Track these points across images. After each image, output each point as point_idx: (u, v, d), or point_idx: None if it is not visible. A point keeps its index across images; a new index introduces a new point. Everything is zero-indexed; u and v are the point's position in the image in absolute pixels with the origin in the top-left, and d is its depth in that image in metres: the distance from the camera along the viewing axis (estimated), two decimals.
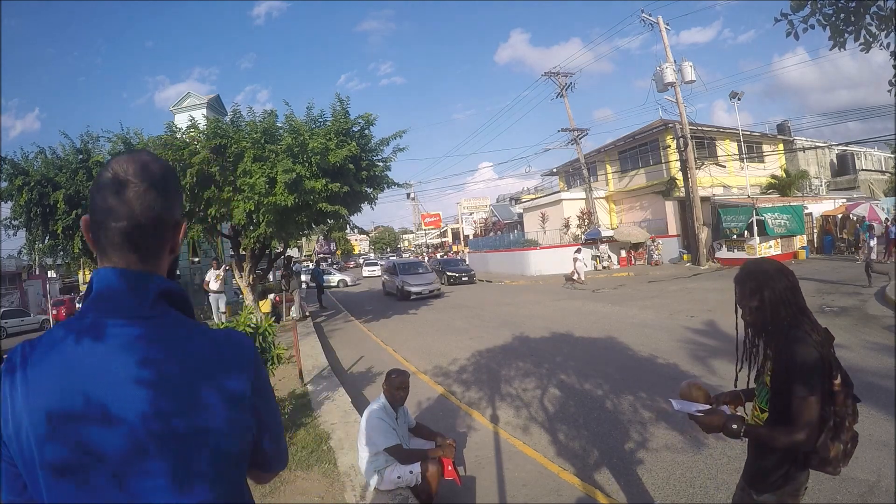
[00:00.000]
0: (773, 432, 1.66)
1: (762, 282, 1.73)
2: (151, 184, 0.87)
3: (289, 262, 15.08)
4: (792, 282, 1.75)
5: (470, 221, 58.71)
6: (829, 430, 1.61)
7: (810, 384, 1.57)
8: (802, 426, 1.57)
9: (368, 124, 10.36)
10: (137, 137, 11.13)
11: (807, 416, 1.57)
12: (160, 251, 0.90)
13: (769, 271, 1.76)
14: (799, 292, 1.75)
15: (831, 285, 12.39)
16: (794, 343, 1.62)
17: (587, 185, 27.71)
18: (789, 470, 1.70)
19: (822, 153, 31.75)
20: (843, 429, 1.63)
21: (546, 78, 28.10)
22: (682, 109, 20.62)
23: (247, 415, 0.88)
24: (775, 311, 1.71)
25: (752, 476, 1.84)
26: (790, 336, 1.65)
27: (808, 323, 1.70)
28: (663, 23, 21.35)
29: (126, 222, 0.85)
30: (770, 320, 1.73)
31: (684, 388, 2.05)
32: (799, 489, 1.73)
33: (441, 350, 8.84)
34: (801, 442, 1.58)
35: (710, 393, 2.01)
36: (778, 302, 1.70)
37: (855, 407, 1.69)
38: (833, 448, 1.62)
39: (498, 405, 5.60)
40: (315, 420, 4.99)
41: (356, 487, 3.46)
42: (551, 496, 3.54)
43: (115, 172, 0.86)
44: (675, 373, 6.36)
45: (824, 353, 1.61)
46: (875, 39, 3.65)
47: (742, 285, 1.80)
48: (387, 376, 3.55)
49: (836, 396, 1.62)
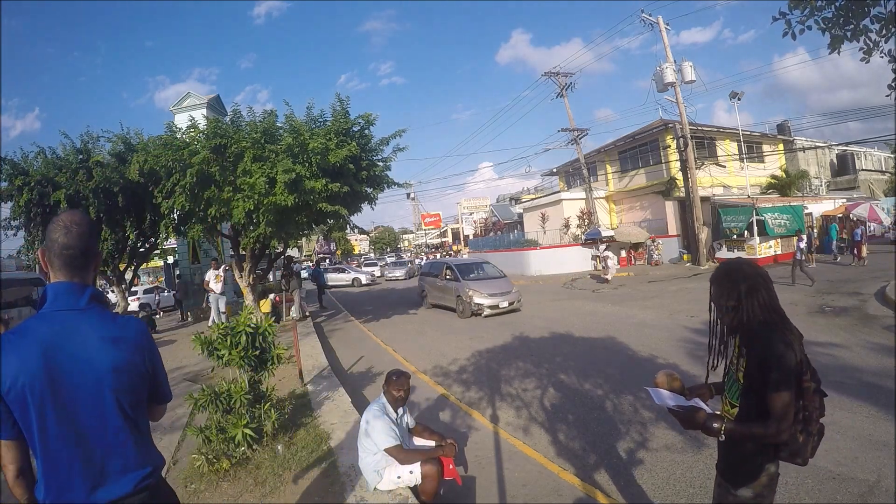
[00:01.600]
0: (751, 428, 1.70)
1: (739, 282, 1.79)
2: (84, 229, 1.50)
3: (289, 262, 15.06)
4: (767, 282, 1.81)
5: (470, 221, 58.79)
6: (798, 422, 1.69)
7: (787, 381, 1.64)
8: (779, 420, 1.64)
9: (368, 124, 10.34)
10: (137, 137, 11.12)
11: (783, 410, 1.64)
12: (89, 270, 1.53)
13: (746, 272, 1.82)
14: (774, 292, 1.81)
15: (831, 285, 12.40)
16: (771, 342, 1.69)
17: (587, 185, 27.70)
18: (762, 462, 1.76)
19: (822, 153, 31.75)
20: (812, 422, 1.72)
21: (546, 78, 28.09)
22: (682, 109, 20.61)
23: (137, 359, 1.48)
24: (751, 310, 1.76)
25: (725, 470, 1.90)
26: (766, 335, 1.71)
27: (783, 322, 1.77)
28: (663, 23, 21.34)
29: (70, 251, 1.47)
30: (745, 319, 1.78)
31: (660, 378, 2.09)
32: (773, 480, 1.79)
33: (441, 350, 8.85)
34: (777, 435, 1.65)
35: (684, 384, 2.07)
36: (754, 302, 1.76)
37: (822, 401, 1.77)
38: (802, 440, 1.70)
39: (498, 405, 5.60)
40: (315, 420, 4.98)
41: (356, 487, 3.46)
42: (551, 496, 3.54)
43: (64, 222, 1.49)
44: (674, 370, 6.36)
45: (798, 351, 1.68)
46: (876, 46, 3.65)
47: (719, 285, 1.86)
48: (387, 378, 3.55)
49: (806, 392, 1.70)
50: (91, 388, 1.39)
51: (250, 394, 4.21)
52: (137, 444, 1.46)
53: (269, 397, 4.50)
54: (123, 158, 10.87)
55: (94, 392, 1.39)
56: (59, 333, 1.39)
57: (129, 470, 1.43)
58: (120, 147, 11.09)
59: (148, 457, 1.50)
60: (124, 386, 1.43)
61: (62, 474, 1.36)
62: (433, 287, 14.73)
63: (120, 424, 1.42)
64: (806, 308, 9.73)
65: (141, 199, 10.79)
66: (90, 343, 1.41)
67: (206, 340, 4.14)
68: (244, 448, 3.91)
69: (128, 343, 1.47)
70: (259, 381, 4.47)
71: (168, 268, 22.37)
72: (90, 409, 1.39)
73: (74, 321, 1.42)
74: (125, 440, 1.43)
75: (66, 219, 1.50)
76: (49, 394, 1.34)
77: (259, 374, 4.40)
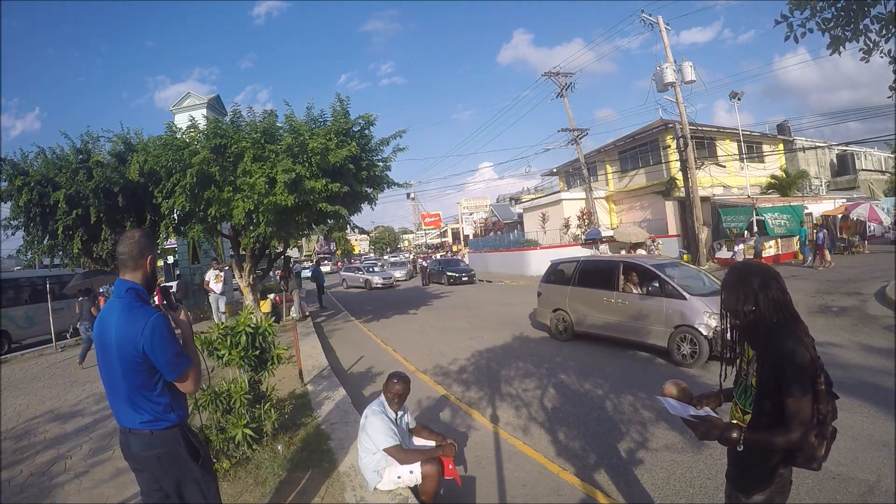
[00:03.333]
0: (771, 436, 1.65)
1: (756, 285, 1.74)
2: (132, 243, 2.12)
3: (287, 262, 15.06)
4: (782, 285, 1.76)
5: (470, 221, 58.71)
6: (814, 427, 1.64)
7: (803, 384, 1.59)
8: (798, 426, 1.59)
9: (368, 124, 10.35)
10: (137, 137, 11.10)
11: (802, 415, 1.59)
12: (136, 268, 2.12)
13: (761, 275, 1.76)
14: (787, 292, 1.76)
15: (831, 285, 12.39)
16: (788, 345, 1.63)
17: (587, 185, 27.68)
18: (775, 467, 1.71)
19: (822, 153, 31.74)
20: (826, 424, 1.67)
21: (546, 78, 28.06)
22: (682, 109, 20.60)
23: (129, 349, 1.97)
24: (768, 314, 1.72)
25: (736, 478, 1.85)
26: (782, 338, 1.66)
27: (796, 323, 1.72)
28: (663, 23, 21.33)
29: (122, 258, 2.12)
30: (760, 323, 1.74)
31: (668, 388, 2.05)
32: (786, 485, 1.75)
33: (441, 350, 8.84)
34: (796, 441, 1.60)
35: (692, 393, 2.03)
36: (771, 305, 1.71)
37: (834, 404, 1.72)
38: (817, 444, 1.65)
39: (498, 405, 5.60)
40: (315, 420, 4.98)
41: (356, 487, 3.46)
42: (551, 496, 3.54)
43: (122, 237, 2.14)
44: (675, 373, 6.36)
45: (813, 355, 1.64)
46: (876, 46, 3.65)
47: (734, 289, 1.79)
48: (387, 379, 3.55)
49: (820, 395, 1.65)
50: (110, 352, 2.03)
51: (250, 394, 4.20)
52: (134, 401, 2.03)
53: (269, 397, 4.50)
54: (123, 158, 10.86)
55: (111, 356, 2.03)
56: (104, 313, 2.11)
57: (132, 414, 2.05)
58: (120, 147, 11.07)
59: (146, 413, 2.04)
60: (123, 360, 2.00)
61: (111, 401, 2.11)
62: (588, 303, 8.41)
63: (123, 382, 2.02)
64: (806, 308, 9.72)
65: (141, 199, 10.78)
66: (113, 322, 2.03)
67: (206, 340, 4.14)
68: (244, 448, 3.91)
69: (127, 334, 1.98)
70: (259, 381, 4.47)
71: (168, 268, 22.37)
72: (111, 366, 2.04)
73: (115, 305, 2.07)
74: (127, 394, 2.03)
75: (123, 235, 2.16)
76: (98, 349, 2.10)
77: (259, 374, 4.39)
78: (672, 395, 2.01)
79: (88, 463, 4.53)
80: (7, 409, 6.78)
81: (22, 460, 4.74)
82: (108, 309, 2.09)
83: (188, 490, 2.12)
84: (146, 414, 2.04)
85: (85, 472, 4.32)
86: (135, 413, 2.03)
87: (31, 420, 6.11)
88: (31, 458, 4.75)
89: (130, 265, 2.09)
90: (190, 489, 2.13)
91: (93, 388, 7.48)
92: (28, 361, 11.06)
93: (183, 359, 2.07)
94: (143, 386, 2.02)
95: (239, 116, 10.12)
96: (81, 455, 4.75)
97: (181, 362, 2.06)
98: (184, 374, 2.08)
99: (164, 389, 2.07)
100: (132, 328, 1.97)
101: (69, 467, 4.47)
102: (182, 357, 2.07)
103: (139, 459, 2.09)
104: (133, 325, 1.97)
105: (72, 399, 7.00)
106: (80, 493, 3.92)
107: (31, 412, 6.49)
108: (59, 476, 4.28)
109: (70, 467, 4.46)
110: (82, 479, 4.16)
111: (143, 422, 2.04)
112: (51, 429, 5.68)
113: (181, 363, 2.06)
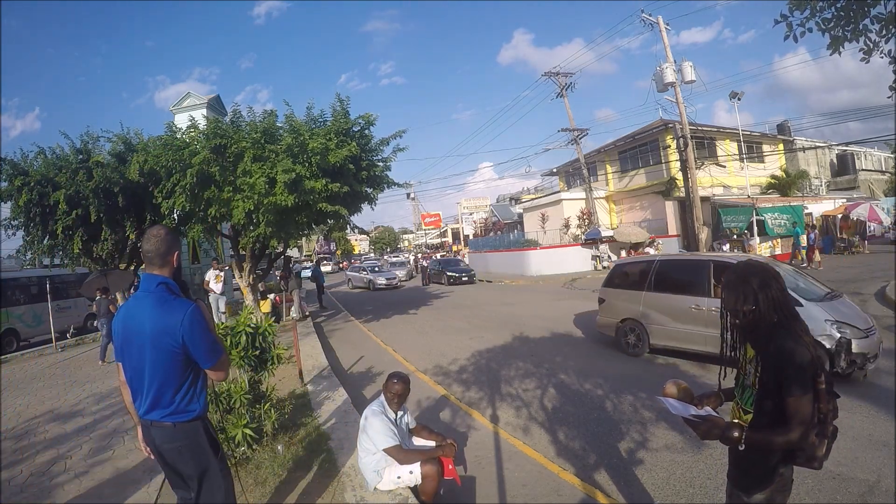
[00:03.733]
0: (772, 436, 1.65)
1: (756, 285, 1.73)
2: (158, 240, 2.15)
3: (287, 262, 15.06)
4: (782, 284, 1.76)
5: (470, 221, 58.69)
6: (814, 426, 1.64)
7: (805, 384, 1.60)
8: (798, 425, 1.59)
9: (368, 124, 10.34)
10: (137, 137, 11.11)
11: (803, 414, 1.59)
12: (164, 265, 2.16)
13: (761, 274, 1.76)
14: (786, 292, 1.76)
15: (831, 284, 12.36)
16: (788, 345, 1.63)
17: (587, 185, 27.69)
18: (776, 467, 1.72)
19: (822, 153, 31.73)
20: (827, 424, 1.67)
21: (546, 78, 28.08)
22: (682, 109, 20.60)
23: (167, 340, 2.02)
24: (768, 313, 1.71)
25: (737, 477, 1.85)
26: (782, 338, 1.66)
27: (796, 322, 1.71)
28: (663, 23, 21.33)
29: (148, 254, 2.14)
30: (760, 323, 1.73)
31: (669, 388, 2.05)
32: (787, 485, 1.75)
33: (441, 350, 8.84)
34: (796, 440, 1.60)
35: (693, 393, 2.03)
36: (771, 305, 1.71)
37: (835, 403, 1.72)
38: (818, 443, 1.65)
39: (498, 405, 5.60)
40: (315, 420, 4.98)
41: (356, 487, 3.46)
42: (551, 496, 3.54)
43: (146, 234, 2.18)
44: (675, 373, 6.36)
45: (814, 354, 1.63)
46: (876, 46, 3.65)
47: (735, 289, 1.79)
48: (387, 379, 3.55)
49: (821, 394, 1.65)
50: (139, 346, 2.05)
51: (250, 394, 4.21)
52: (160, 393, 2.08)
53: (269, 397, 4.50)
54: (123, 158, 10.86)
55: (141, 349, 2.05)
56: (132, 306, 2.15)
57: (156, 407, 2.09)
58: (120, 147, 11.09)
59: (172, 405, 2.09)
60: (158, 352, 2.03)
61: (134, 395, 2.16)
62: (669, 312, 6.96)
63: (152, 375, 2.06)
64: None
65: (141, 199, 10.78)
66: (145, 316, 2.06)
67: None
68: (244, 448, 3.91)
69: (166, 326, 2.02)
70: (259, 381, 4.47)
71: None
72: (139, 359, 2.07)
73: (143, 299, 2.11)
74: (153, 386, 2.07)
75: (148, 232, 2.20)
76: (122, 343, 2.13)
77: (259, 374, 4.40)
78: (673, 394, 2.01)
79: (88, 463, 4.53)
80: (7, 409, 6.78)
81: (22, 460, 4.74)
82: (137, 302, 2.12)
83: (209, 483, 2.16)
84: (170, 406, 2.09)
85: (85, 472, 4.33)
86: (158, 406, 2.08)
87: (31, 420, 6.12)
88: (31, 458, 4.76)
89: (158, 262, 2.14)
90: (211, 482, 2.17)
91: (93, 388, 7.49)
92: (28, 361, 11.06)
93: (219, 346, 2.17)
94: (171, 378, 2.07)
95: (239, 116, 10.12)
96: (81, 455, 4.75)
97: (218, 350, 2.16)
98: (220, 361, 2.17)
99: (189, 382, 2.13)
100: (171, 319, 2.02)
101: (69, 467, 4.47)
102: (218, 345, 2.17)
103: (161, 452, 2.14)
104: (171, 316, 2.02)
105: (72, 399, 7.01)
106: (80, 493, 3.92)
107: (31, 412, 6.49)
108: (59, 476, 4.28)
109: (70, 467, 4.47)
110: (82, 479, 4.16)
111: (165, 414, 2.09)
112: (51, 429, 5.69)
113: (218, 351, 2.16)
